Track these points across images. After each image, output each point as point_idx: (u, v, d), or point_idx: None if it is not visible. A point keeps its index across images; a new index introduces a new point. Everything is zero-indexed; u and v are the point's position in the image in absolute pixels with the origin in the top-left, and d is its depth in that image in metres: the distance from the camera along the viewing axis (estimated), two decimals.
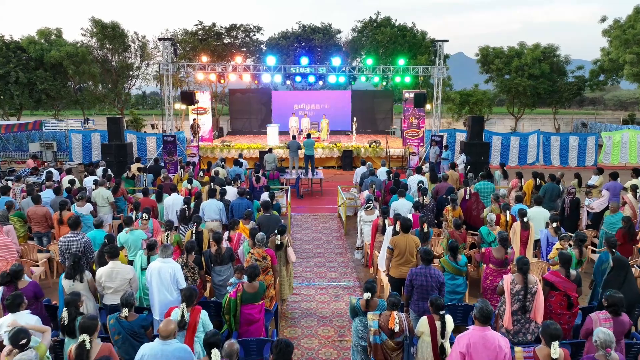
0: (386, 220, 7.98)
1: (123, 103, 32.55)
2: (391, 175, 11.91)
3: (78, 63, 26.79)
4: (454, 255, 6.18)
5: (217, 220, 8.79)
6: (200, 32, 31.30)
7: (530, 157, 20.76)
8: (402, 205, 8.69)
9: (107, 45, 30.45)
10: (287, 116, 27.31)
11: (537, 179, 10.97)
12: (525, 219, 7.51)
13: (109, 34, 29.78)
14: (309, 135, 15.86)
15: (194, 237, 7.14)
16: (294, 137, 16.28)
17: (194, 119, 20.58)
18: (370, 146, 20.42)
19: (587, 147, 20.41)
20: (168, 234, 7.05)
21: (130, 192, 12.16)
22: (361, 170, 12.71)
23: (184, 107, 23.11)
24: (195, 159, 18.85)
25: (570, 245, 6.50)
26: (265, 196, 10.10)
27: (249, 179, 12.10)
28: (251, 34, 32.65)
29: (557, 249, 6.46)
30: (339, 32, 33.85)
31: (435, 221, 9.44)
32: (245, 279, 5.40)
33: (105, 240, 6.41)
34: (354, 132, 22.14)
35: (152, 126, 30.24)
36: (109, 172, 13.29)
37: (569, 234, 8.28)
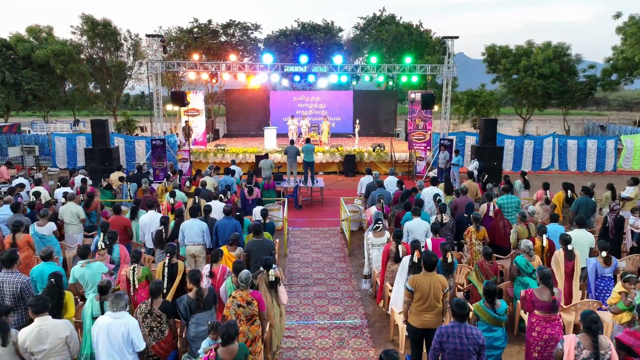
0: (400, 247, 6.68)
1: (115, 103, 31.29)
2: (403, 186, 10.60)
3: (66, 62, 25.51)
4: (492, 301, 4.86)
5: (200, 244, 7.47)
6: (195, 29, 29.99)
7: (545, 162, 19.44)
8: (417, 227, 7.37)
9: (99, 44, 29.21)
10: (286, 118, 26.05)
11: (568, 191, 9.66)
12: (569, 247, 6.20)
13: (100, 31, 28.55)
14: (308, 140, 14.54)
15: (166, 271, 5.82)
16: (292, 141, 14.95)
17: (186, 121, 19.28)
18: (374, 150, 19.11)
19: (607, 151, 19.08)
20: (135, 267, 5.75)
21: (108, 205, 10.85)
22: (367, 180, 11.40)
23: (176, 108, 21.80)
24: (186, 165, 17.57)
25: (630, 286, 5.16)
26: (257, 212, 8.78)
27: (241, 190, 10.76)
28: (249, 31, 31.33)
29: (619, 292, 5.13)
30: (341, 30, 32.52)
31: (455, 242, 8.14)
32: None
33: (52, 280, 5.09)
34: (357, 135, 20.82)
35: (141, 129, 28.98)
36: (88, 181, 11.97)
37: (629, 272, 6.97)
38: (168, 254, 5.89)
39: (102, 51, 29.57)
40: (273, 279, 5.55)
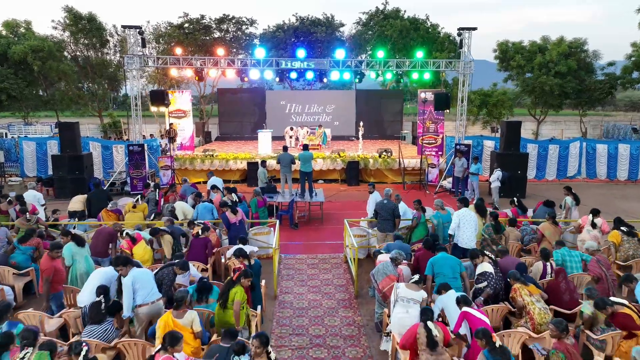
0: (433, 327, 4.52)
1: (102, 104, 29.24)
2: (422, 209, 8.53)
3: (44, 59, 23.48)
4: None
5: (161, 298, 5.48)
6: (186, 25, 27.92)
7: (571, 169, 17.40)
8: (450, 301, 5.25)
9: (83, 40, 27.16)
10: (283, 119, 24.11)
11: (623, 228, 7.65)
12: None
13: (84, 26, 26.52)
14: (305, 147, 12.48)
15: None
16: (285, 148, 12.86)
17: (170, 124, 17.28)
18: (380, 156, 17.07)
19: None
20: (26, 355, 3.74)
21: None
22: (375, 197, 9.40)
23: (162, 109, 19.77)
24: (169, 173, 15.54)
25: None
26: (245, 249, 6.70)
27: (222, 217, 8.58)
28: (244, 27, 29.26)
29: None
30: (342, 25, 30.38)
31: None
32: None
33: None
34: (361, 139, 18.79)
35: (120, 132, 27.00)
36: (38, 199, 9.90)
37: None
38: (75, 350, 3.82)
39: (86, 48, 27.53)
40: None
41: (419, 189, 15.78)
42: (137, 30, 14.85)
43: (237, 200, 9.45)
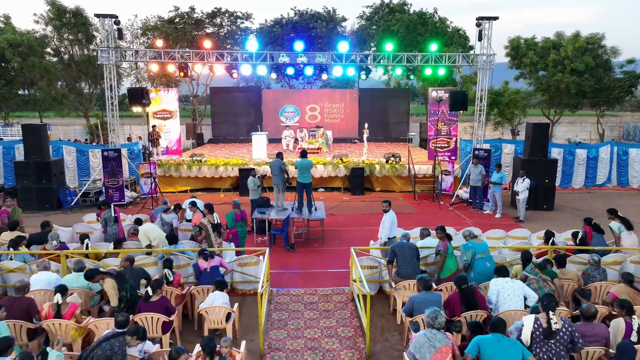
0: None
1: (88, 104, 27.45)
2: (448, 236, 6.80)
3: (25, 54, 21.76)
4: None
5: None
6: (177, 19, 26.12)
7: (600, 177, 15.63)
8: None
9: (67, 35, 25.39)
10: (280, 120, 22.39)
11: None
12: None
13: (69, 20, 24.75)
14: (304, 153, 10.64)
15: None
16: (278, 154, 10.96)
17: (153, 126, 15.49)
18: (387, 162, 15.31)
19: None
20: None
21: None
22: (391, 218, 7.65)
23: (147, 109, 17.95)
24: (150, 182, 13.75)
25: None
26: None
27: (193, 266, 6.76)
28: (238, 21, 27.44)
29: None
30: (344, 19, 28.54)
31: None
32: None
33: None
34: (365, 142, 17.01)
35: (100, 135, 25.20)
36: None
37: None
38: None
39: (71, 44, 25.75)
40: None
41: (432, 199, 14.00)
42: (113, 19, 13.08)
43: (219, 223, 7.69)
